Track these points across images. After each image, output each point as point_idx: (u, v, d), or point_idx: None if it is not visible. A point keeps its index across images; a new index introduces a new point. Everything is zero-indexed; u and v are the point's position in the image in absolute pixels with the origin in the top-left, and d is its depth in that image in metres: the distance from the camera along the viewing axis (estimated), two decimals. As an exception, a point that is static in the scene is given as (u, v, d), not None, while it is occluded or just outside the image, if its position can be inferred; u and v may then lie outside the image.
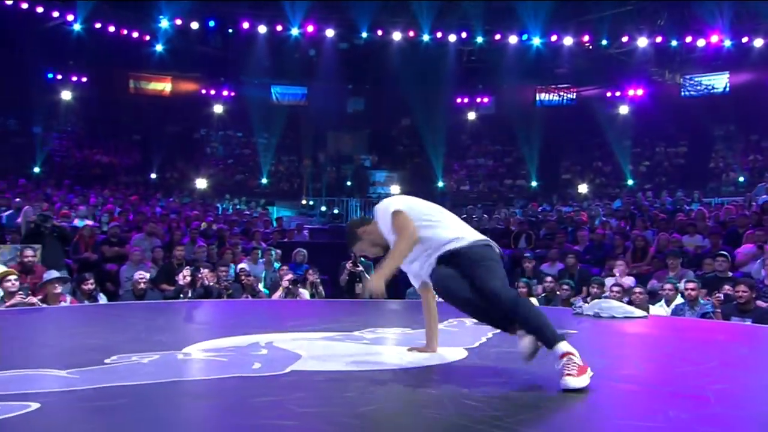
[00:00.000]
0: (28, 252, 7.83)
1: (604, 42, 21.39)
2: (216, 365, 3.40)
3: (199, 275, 7.88)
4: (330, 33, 21.26)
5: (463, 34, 21.53)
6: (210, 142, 24.35)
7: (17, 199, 11.60)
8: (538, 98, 25.11)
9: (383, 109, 24.16)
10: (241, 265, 8.94)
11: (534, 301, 8.02)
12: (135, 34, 21.02)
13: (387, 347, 4.15)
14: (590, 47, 22.18)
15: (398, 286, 10.23)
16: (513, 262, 10.42)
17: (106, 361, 3.37)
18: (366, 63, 23.12)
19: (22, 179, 16.10)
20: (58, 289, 6.99)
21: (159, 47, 21.74)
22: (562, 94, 24.92)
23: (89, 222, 11.50)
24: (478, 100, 25.42)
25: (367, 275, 8.90)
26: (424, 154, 22.46)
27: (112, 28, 20.44)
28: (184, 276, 7.83)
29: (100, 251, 10.09)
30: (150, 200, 16.00)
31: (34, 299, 6.69)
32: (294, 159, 22.93)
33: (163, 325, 5.03)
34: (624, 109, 22.39)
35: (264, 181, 20.90)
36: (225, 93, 24.58)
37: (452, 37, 21.72)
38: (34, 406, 2.44)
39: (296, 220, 15.46)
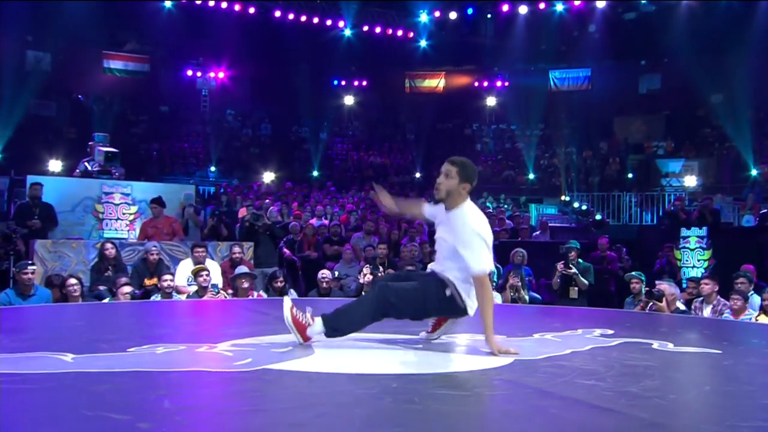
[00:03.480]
0: (236, 249, 9.03)
1: None
2: (213, 359, 3.50)
3: (379, 273, 8.15)
4: (601, 4, 19.88)
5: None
6: (481, 137, 24.77)
7: (267, 200, 13.37)
8: None
9: (686, 86, 21.54)
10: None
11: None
12: (399, 32, 22.56)
13: (417, 352, 3.86)
14: None
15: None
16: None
17: (130, 349, 3.65)
18: (660, 33, 21.03)
19: (288, 182, 18.47)
20: (245, 285, 7.89)
21: (423, 42, 22.97)
22: None
23: (325, 221, 12.76)
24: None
25: (582, 278, 8.64)
26: (737, 137, 19.45)
27: (378, 29, 22.27)
28: (364, 274, 8.19)
29: (321, 249, 11.09)
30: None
31: (222, 293, 7.71)
32: (571, 151, 21.96)
33: (257, 321, 5.34)
34: None
35: (531, 176, 20.47)
36: (498, 84, 24.80)
37: (766, -13, 18.50)
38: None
39: (551, 218, 14.78)
